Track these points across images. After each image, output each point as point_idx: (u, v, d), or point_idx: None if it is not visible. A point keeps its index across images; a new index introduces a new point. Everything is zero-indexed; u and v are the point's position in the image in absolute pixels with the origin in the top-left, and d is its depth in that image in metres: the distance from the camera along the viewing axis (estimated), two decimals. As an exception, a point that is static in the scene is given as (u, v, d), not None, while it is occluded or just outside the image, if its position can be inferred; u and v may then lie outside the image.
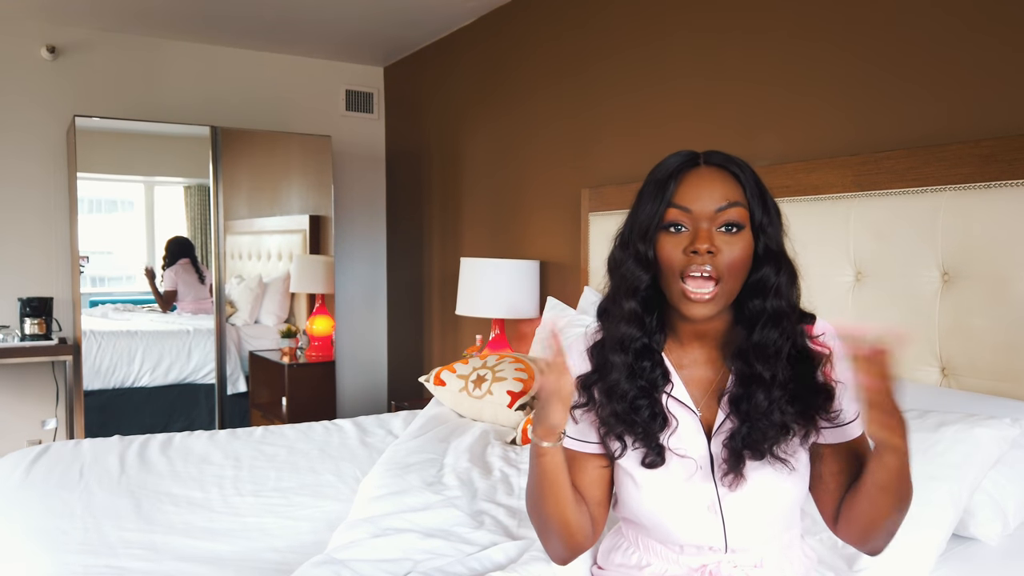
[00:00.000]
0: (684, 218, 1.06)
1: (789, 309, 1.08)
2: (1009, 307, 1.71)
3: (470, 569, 1.39)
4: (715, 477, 1.10)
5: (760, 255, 1.07)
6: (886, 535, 1.10)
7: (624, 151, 2.93)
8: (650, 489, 1.12)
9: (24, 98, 3.87)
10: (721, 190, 1.06)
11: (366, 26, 3.95)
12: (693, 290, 1.04)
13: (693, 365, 1.15)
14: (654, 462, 1.10)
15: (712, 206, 1.05)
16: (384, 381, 4.88)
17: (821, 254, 2.06)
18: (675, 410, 1.12)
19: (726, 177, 1.08)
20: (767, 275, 1.07)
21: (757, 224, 1.07)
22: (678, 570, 1.14)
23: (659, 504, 1.12)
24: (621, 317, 1.11)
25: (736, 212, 1.06)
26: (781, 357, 1.07)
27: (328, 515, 1.76)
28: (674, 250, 1.06)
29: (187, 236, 4.11)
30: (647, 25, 2.81)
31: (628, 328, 1.10)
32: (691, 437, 1.12)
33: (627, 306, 1.10)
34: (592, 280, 2.98)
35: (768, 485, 1.09)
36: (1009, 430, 1.47)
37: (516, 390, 2.40)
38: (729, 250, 1.04)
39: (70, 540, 1.58)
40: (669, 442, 1.11)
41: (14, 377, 3.92)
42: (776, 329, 1.07)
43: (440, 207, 4.23)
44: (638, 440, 1.11)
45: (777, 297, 1.07)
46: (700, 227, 1.05)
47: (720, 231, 1.05)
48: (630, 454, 1.13)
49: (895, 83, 2.01)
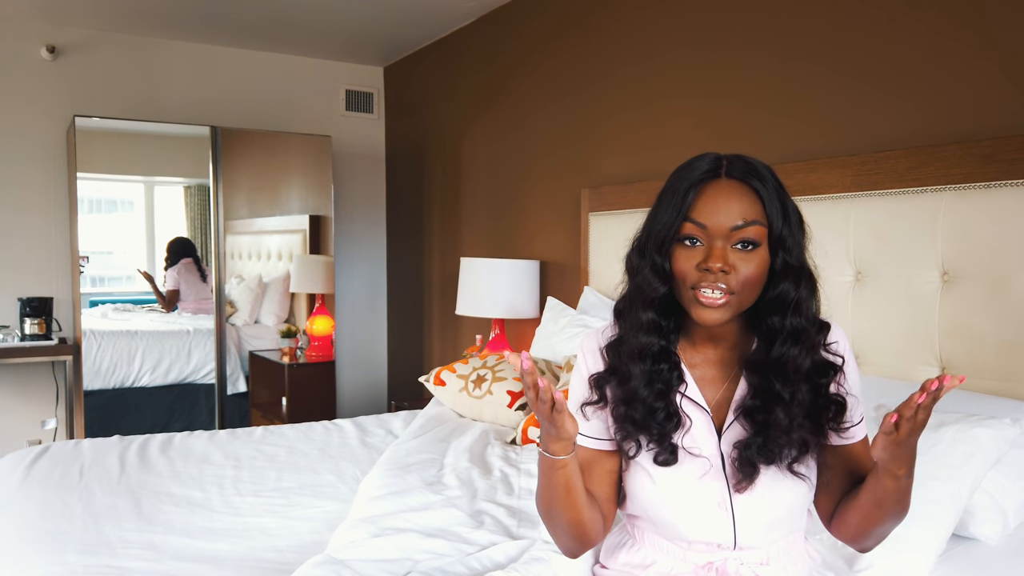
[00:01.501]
0: (699, 233, 1.05)
1: (809, 325, 1.08)
2: (1009, 307, 1.71)
3: (470, 569, 1.39)
4: (726, 475, 1.11)
5: (778, 270, 1.06)
6: (876, 539, 1.13)
7: (624, 150, 2.93)
8: (664, 485, 1.13)
9: (24, 98, 3.87)
10: (738, 207, 1.04)
11: (366, 26, 3.95)
12: (705, 296, 1.04)
13: (704, 364, 1.16)
14: (667, 460, 1.11)
15: (728, 224, 1.04)
16: (384, 381, 4.88)
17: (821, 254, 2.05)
18: (688, 409, 1.13)
19: (745, 192, 1.05)
20: (786, 291, 1.06)
21: (775, 239, 1.06)
22: (684, 567, 1.14)
23: (672, 500, 1.13)
24: (640, 327, 1.10)
25: (752, 231, 1.04)
26: (800, 374, 1.07)
27: (328, 515, 1.76)
28: (687, 263, 1.05)
29: (187, 236, 4.11)
30: (648, 25, 2.81)
31: (647, 338, 1.10)
32: (703, 435, 1.13)
33: (645, 316, 1.10)
34: (592, 280, 2.98)
35: (778, 485, 1.10)
36: (1009, 430, 1.47)
37: (516, 390, 2.40)
38: (744, 267, 1.03)
39: (70, 540, 1.58)
40: (683, 441, 1.12)
41: (14, 377, 3.92)
42: (796, 346, 1.06)
43: (440, 207, 4.23)
44: (652, 441, 1.11)
45: (796, 314, 1.06)
46: (715, 244, 1.04)
47: (735, 248, 1.04)
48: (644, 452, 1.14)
49: (895, 83, 2.01)
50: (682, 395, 1.13)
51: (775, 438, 1.06)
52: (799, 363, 1.06)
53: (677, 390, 1.12)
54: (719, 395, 1.15)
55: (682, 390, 1.13)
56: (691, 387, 1.14)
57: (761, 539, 1.12)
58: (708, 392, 1.15)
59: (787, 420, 1.06)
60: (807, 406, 1.07)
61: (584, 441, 1.17)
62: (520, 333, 3.45)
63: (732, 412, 1.12)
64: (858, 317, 2.00)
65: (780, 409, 1.06)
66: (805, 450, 1.08)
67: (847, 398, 1.10)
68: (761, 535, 1.12)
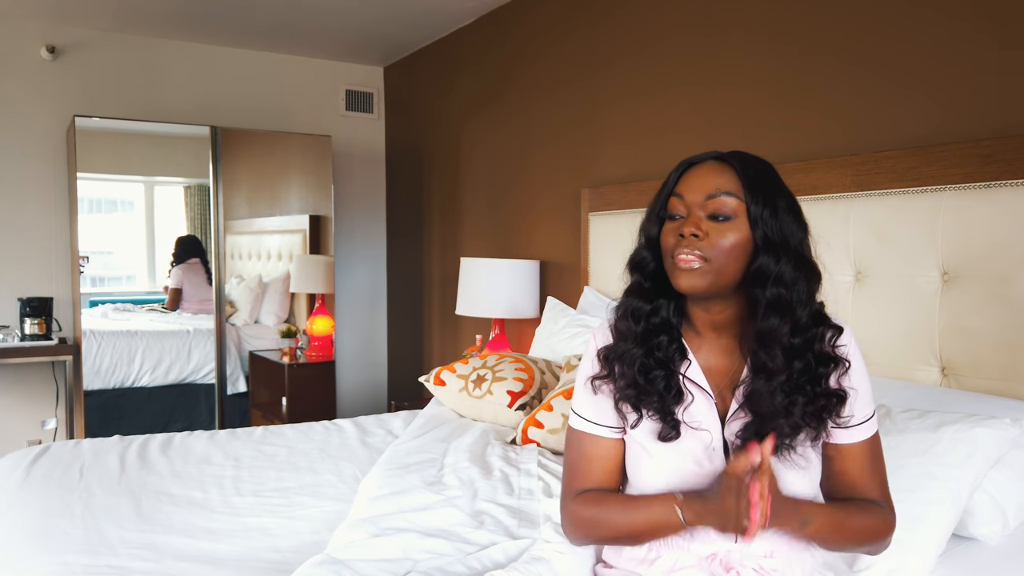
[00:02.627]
0: (680, 205, 1.13)
1: (792, 299, 1.09)
2: (1009, 307, 1.71)
3: (470, 569, 1.39)
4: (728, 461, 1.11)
5: (759, 245, 1.10)
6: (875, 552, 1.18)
7: (624, 151, 2.93)
8: (664, 462, 1.15)
9: (24, 98, 3.87)
10: (714, 180, 1.11)
11: (366, 26, 3.95)
12: (681, 259, 1.10)
13: (709, 354, 1.18)
14: (669, 435, 1.13)
15: (702, 193, 1.10)
16: (384, 381, 4.88)
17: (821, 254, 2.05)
18: (692, 391, 1.16)
19: (724, 169, 1.12)
20: (765, 264, 1.09)
21: (753, 215, 1.09)
22: (689, 559, 1.15)
23: (672, 480, 1.14)
24: (629, 290, 1.19)
25: (725, 202, 1.09)
26: (782, 345, 1.09)
27: (328, 515, 1.76)
28: (669, 234, 1.13)
29: (195, 235, 4.09)
30: (648, 27, 2.81)
31: (635, 300, 1.18)
32: (705, 416, 1.15)
33: (633, 278, 1.20)
34: (592, 280, 2.98)
35: (779, 476, 1.10)
36: (1009, 430, 1.47)
37: (516, 390, 2.40)
38: (718, 236, 1.09)
39: (70, 540, 1.58)
40: (684, 416, 1.14)
41: (14, 377, 3.92)
42: (776, 316, 1.09)
43: (440, 207, 4.23)
44: (653, 411, 1.14)
45: (776, 285, 1.09)
46: (693, 213, 1.11)
47: (710, 220, 1.10)
48: (645, 426, 1.16)
49: (895, 83, 2.01)
50: (683, 375, 1.16)
51: (769, 419, 1.09)
52: (780, 334, 1.09)
53: (679, 366, 1.16)
54: (724, 385, 1.17)
55: (683, 369, 1.16)
56: (694, 368, 1.17)
57: None
58: (715, 380, 1.17)
59: (770, 392, 1.08)
60: (803, 389, 1.09)
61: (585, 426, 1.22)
62: (520, 333, 3.45)
63: (736, 401, 1.14)
64: (858, 317, 2.00)
65: (763, 379, 1.09)
66: (797, 431, 1.09)
67: (848, 391, 1.12)
68: None
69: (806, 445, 1.12)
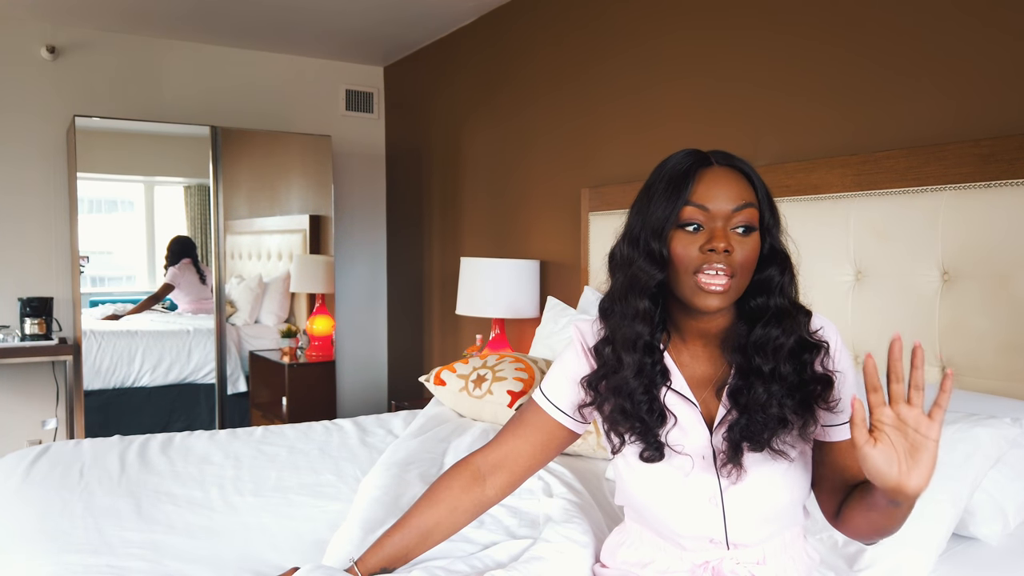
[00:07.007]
0: (701, 216, 1.06)
1: (791, 307, 1.10)
2: (1009, 307, 1.71)
3: (471, 568, 1.39)
4: (717, 469, 1.11)
5: (765, 255, 1.09)
6: (880, 539, 1.13)
7: (624, 151, 2.93)
8: (651, 479, 1.13)
9: (24, 98, 3.87)
10: (737, 190, 1.07)
11: (366, 26, 3.95)
12: (708, 282, 1.04)
13: (694, 362, 1.16)
14: (652, 457, 1.11)
15: (729, 206, 1.06)
16: (384, 381, 4.88)
17: (821, 254, 2.06)
18: (676, 404, 1.13)
19: (740, 178, 1.09)
20: (772, 275, 1.09)
21: (765, 225, 1.09)
22: (681, 566, 1.15)
23: (660, 494, 1.13)
24: (634, 316, 1.11)
25: (750, 213, 1.07)
26: (782, 352, 1.08)
27: (328, 515, 1.76)
28: (689, 248, 1.05)
29: (187, 236, 4.11)
30: (647, 25, 2.81)
31: (641, 326, 1.10)
32: (692, 429, 1.13)
33: (640, 305, 1.10)
34: (592, 280, 2.98)
35: (769, 479, 1.10)
36: (1009, 430, 1.47)
37: (516, 390, 2.40)
38: (741, 250, 1.05)
39: (70, 540, 1.58)
40: (668, 438, 1.12)
41: (14, 377, 3.92)
42: (779, 326, 1.08)
43: (440, 207, 4.23)
44: (636, 435, 1.12)
45: (780, 295, 1.09)
46: (716, 226, 1.05)
47: (734, 231, 1.06)
48: (629, 447, 1.14)
49: (895, 83, 2.01)
50: (668, 388, 1.13)
51: (754, 414, 1.07)
52: (781, 342, 1.08)
53: (662, 385, 1.13)
54: (709, 391, 1.15)
55: (668, 384, 1.13)
56: (678, 380, 1.14)
57: (754, 536, 1.12)
58: (700, 388, 1.15)
59: (765, 395, 1.06)
60: (790, 384, 1.08)
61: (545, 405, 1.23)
62: (520, 333, 3.45)
63: (723, 406, 1.12)
64: (858, 317, 2.00)
65: (759, 384, 1.07)
66: (784, 426, 1.07)
67: (835, 375, 1.10)
68: (754, 531, 1.12)
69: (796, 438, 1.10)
